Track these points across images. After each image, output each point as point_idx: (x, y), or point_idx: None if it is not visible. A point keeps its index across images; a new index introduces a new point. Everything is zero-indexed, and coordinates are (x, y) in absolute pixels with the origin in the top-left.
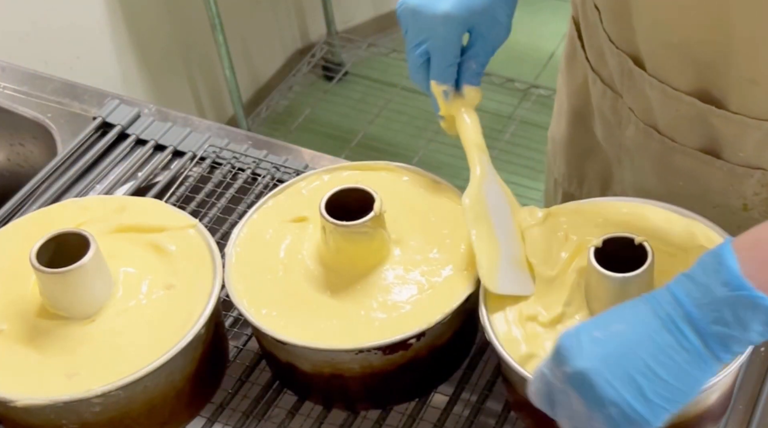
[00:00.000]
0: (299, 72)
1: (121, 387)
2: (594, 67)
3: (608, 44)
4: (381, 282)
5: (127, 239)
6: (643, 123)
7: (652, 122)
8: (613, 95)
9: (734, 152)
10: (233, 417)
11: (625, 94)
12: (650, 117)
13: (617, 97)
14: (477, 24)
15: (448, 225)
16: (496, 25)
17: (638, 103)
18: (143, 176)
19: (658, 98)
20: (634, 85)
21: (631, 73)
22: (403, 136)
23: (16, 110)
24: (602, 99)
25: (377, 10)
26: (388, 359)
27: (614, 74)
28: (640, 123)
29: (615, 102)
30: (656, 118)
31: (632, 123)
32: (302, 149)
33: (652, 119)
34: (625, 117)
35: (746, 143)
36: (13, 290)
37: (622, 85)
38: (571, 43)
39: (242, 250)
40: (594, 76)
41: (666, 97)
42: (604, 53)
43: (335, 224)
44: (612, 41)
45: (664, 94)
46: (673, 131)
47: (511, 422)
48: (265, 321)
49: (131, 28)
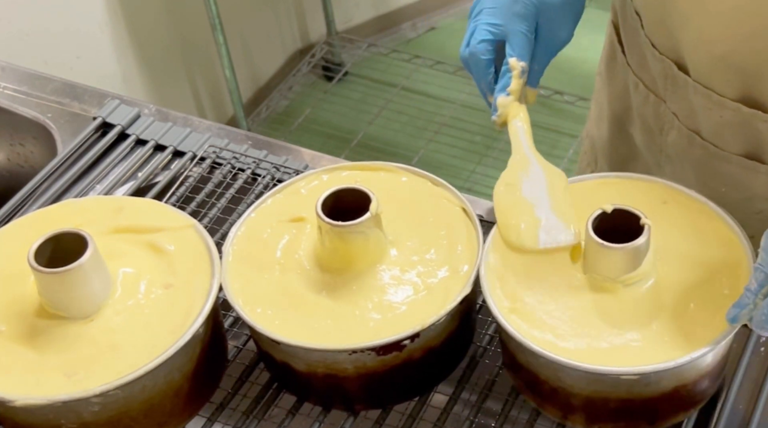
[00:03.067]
0: (299, 72)
1: (119, 387)
2: (635, 71)
3: (650, 49)
4: (377, 283)
5: (126, 239)
6: (687, 128)
7: (695, 127)
8: (655, 100)
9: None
10: (233, 416)
11: (668, 99)
12: (693, 122)
13: (660, 102)
14: (542, 24)
15: (446, 226)
16: (561, 29)
17: (681, 109)
18: (143, 177)
19: (702, 104)
20: (677, 90)
21: (675, 79)
22: (403, 136)
23: (16, 110)
24: (644, 104)
25: (377, 10)
26: (382, 359)
27: (657, 79)
28: (683, 128)
29: (657, 107)
30: (699, 123)
31: (675, 128)
32: (302, 149)
33: (695, 125)
34: (667, 122)
35: None
36: (11, 290)
37: (665, 90)
38: (610, 47)
39: (239, 249)
40: (636, 81)
41: (710, 103)
42: (646, 58)
43: (331, 224)
44: (654, 46)
45: (709, 100)
46: (717, 136)
47: (511, 422)
48: (259, 320)
49: (131, 28)
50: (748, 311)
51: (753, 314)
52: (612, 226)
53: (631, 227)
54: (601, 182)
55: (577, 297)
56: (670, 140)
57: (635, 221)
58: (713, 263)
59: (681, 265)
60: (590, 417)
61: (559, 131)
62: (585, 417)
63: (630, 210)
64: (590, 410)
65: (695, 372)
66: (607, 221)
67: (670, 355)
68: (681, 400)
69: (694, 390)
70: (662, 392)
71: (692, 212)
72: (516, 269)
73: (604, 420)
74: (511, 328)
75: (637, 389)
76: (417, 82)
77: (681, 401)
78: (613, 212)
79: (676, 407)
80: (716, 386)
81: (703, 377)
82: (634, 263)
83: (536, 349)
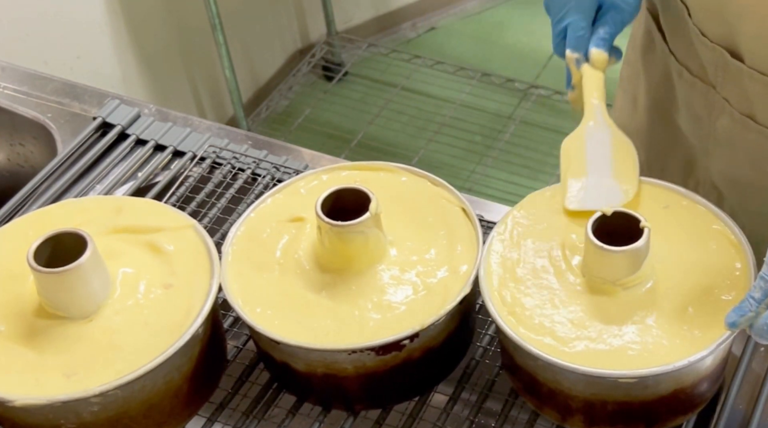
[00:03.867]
0: (299, 72)
1: (119, 387)
2: (680, 59)
3: (699, 38)
4: (376, 283)
5: (125, 240)
6: (740, 113)
7: (749, 112)
8: (703, 87)
9: None
10: (233, 416)
11: (719, 86)
12: (748, 107)
13: (709, 88)
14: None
15: (445, 226)
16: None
17: (734, 94)
18: (143, 176)
19: (759, 90)
20: (730, 77)
21: (727, 66)
22: (403, 136)
23: (16, 110)
24: (691, 91)
25: (377, 10)
26: (382, 359)
27: (707, 66)
28: (735, 113)
29: (706, 93)
30: (754, 108)
31: (726, 113)
32: (302, 149)
33: (749, 109)
34: (717, 108)
35: None
36: (11, 290)
37: (715, 77)
38: (647, 36)
39: (239, 249)
40: (680, 69)
41: (767, 88)
42: (693, 45)
43: (331, 224)
44: (704, 35)
45: (766, 85)
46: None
47: (511, 422)
48: (259, 320)
49: (131, 28)
50: (749, 318)
51: (754, 322)
52: (612, 229)
53: (631, 231)
54: None
55: (576, 300)
56: (721, 124)
57: (635, 224)
58: (713, 267)
59: (681, 268)
60: (589, 419)
61: (560, 131)
62: (583, 420)
63: (630, 213)
64: (589, 412)
65: (694, 376)
66: (607, 224)
67: (669, 358)
68: (680, 403)
69: (693, 393)
70: (661, 395)
71: (694, 216)
72: (515, 270)
73: (602, 423)
74: (510, 330)
75: (636, 392)
76: (417, 82)
77: (680, 404)
78: (613, 215)
79: (675, 410)
80: (715, 389)
81: (702, 380)
82: (634, 267)
83: (535, 351)
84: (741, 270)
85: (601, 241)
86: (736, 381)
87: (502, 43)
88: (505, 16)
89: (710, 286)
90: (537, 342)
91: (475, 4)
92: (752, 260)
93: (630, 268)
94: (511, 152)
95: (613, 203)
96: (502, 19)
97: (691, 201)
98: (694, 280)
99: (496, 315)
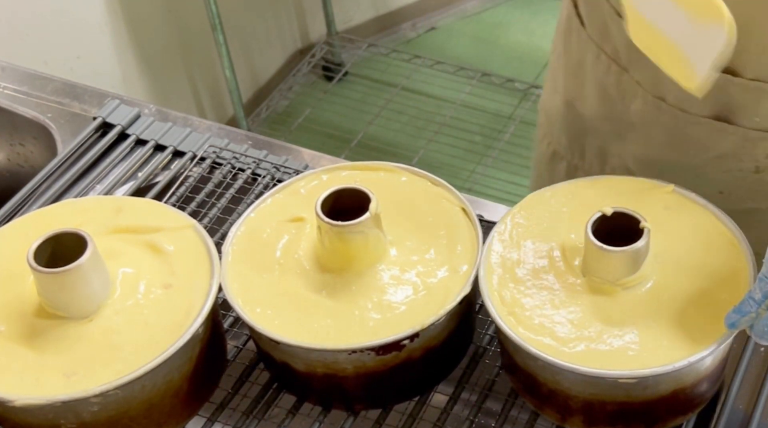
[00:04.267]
0: (299, 72)
1: (119, 387)
2: (597, 42)
3: (614, 18)
4: (376, 283)
5: (125, 240)
6: (652, 95)
7: (661, 94)
8: (617, 69)
9: (749, 117)
10: (233, 416)
11: (632, 68)
12: (659, 90)
13: (622, 72)
14: None
15: (446, 226)
16: None
17: (646, 77)
18: (143, 177)
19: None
20: (642, 57)
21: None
22: (403, 136)
23: (16, 110)
24: (606, 74)
25: (377, 10)
26: (382, 359)
27: (620, 49)
28: (648, 96)
29: (620, 76)
30: (665, 90)
31: (639, 97)
32: (302, 149)
33: (661, 92)
34: (630, 91)
35: (762, 107)
36: (10, 290)
37: (629, 59)
38: (567, 21)
39: (239, 249)
40: (597, 52)
41: None
42: (608, 28)
43: (330, 224)
44: (619, 15)
45: None
46: (684, 101)
47: (511, 422)
48: (259, 321)
49: (131, 28)
50: (749, 318)
51: (754, 323)
52: (612, 229)
53: (631, 231)
54: (604, 185)
55: (576, 300)
56: (635, 108)
57: (635, 224)
58: (713, 268)
59: (680, 269)
60: (589, 419)
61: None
62: (583, 420)
63: (630, 213)
64: (588, 413)
65: (694, 376)
66: (606, 224)
67: (669, 358)
68: (680, 404)
69: (693, 393)
70: (661, 395)
71: (694, 216)
72: (515, 270)
73: (602, 423)
74: (509, 330)
75: (636, 392)
76: (417, 82)
77: (680, 404)
78: (613, 215)
79: (675, 410)
80: (715, 389)
81: (702, 380)
82: (634, 267)
83: (534, 352)
84: (741, 270)
85: (601, 241)
86: (736, 381)
87: (502, 43)
88: (505, 16)
89: (710, 286)
90: (537, 342)
91: (475, 4)
92: (752, 260)
93: (630, 268)
94: (511, 152)
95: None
96: (502, 19)
97: (691, 201)
98: (693, 280)
99: (495, 315)
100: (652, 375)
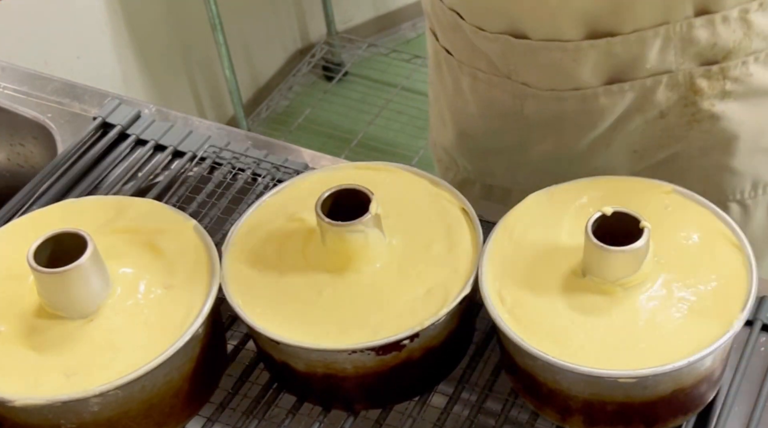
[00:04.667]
0: (299, 72)
1: (119, 387)
2: (469, 64)
3: (479, 34)
4: (376, 282)
5: (125, 240)
6: (544, 90)
7: (552, 86)
8: (500, 80)
9: (641, 67)
10: (233, 416)
11: (513, 73)
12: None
13: (505, 80)
14: None
15: (446, 226)
16: None
17: (531, 75)
18: (143, 177)
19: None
20: (520, 59)
21: (514, 49)
22: (403, 136)
23: (16, 110)
24: (489, 90)
25: (377, 10)
26: (382, 359)
27: (496, 60)
28: (539, 92)
29: (503, 85)
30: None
31: (530, 96)
32: (302, 149)
33: (551, 84)
34: (519, 95)
35: (650, 53)
36: (10, 290)
37: (507, 66)
38: (435, 56)
39: (239, 249)
40: (473, 71)
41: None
42: (474, 46)
43: (330, 223)
44: (483, 29)
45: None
46: (578, 81)
47: (511, 422)
48: (259, 320)
49: (131, 28)
50: None
51: None
52: (612, 229)
53: (631, 230)
54: (604, 185)
55: (576, 300)
56: (529, 109)
57: (635, 224)
58: (713, 267)
59: (680, 268)
60: (588, 420)
61: None
62: (583, 420)
63: (629, 213)
64: (588, 413)
65: (694, 376)
66: (606, 223)
67: (669, 358)
68: (679, 404)
69: (693, 393)
70: (660, 395)
71: (694, 216)
72: (515, 270)
73: (602, 423)
74: (509, 330)
75: (635, 392)
76: (417, 82)
77: (679, 404)
78: (613, 215)
79: (675, 410)
80: (715, 390)
81: (702, 381)
82: (634, 266)
83: (534, 352)
84: (741, 270)
85: (601, 241)
86: (736, 381)
87: None
88: None
89: (710, 286)
90: (537, 342)
91: None
92: (752, 260)
93: (630, 268)
94: None
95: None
96: None
97: (692, 201)
98: (693, 280)
99: (496, 315)
100: (651, 375)
